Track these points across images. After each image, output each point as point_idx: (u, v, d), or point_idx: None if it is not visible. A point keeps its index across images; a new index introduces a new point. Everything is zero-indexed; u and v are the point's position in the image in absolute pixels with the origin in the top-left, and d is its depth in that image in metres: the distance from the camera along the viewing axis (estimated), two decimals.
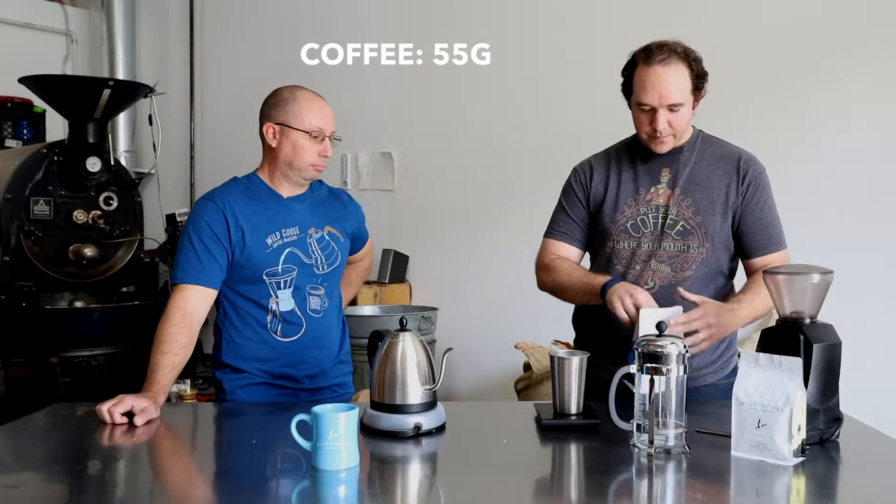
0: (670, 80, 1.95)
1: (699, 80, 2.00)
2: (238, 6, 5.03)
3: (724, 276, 2.11)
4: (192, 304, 2.02)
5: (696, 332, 1.86)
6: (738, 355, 3.02)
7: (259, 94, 2.21)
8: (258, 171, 2.19)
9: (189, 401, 3.69)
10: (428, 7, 4.37)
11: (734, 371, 2.12)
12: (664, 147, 2.05)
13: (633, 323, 1.86)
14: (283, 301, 2.11)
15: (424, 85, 4.35)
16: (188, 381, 3.85)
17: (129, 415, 1.79)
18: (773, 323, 1.70)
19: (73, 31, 5.17)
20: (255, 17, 4.95)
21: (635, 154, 2.13)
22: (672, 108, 1.97)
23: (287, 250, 2.11)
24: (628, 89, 2.05)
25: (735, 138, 2.16)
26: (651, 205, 2.07)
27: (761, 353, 1.55)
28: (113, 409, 1.77)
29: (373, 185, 4.52)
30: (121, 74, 4.98)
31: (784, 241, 2.10)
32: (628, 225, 2.07)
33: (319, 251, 2.16)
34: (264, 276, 2.09)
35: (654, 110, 1.98)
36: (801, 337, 1.59)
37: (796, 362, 1.50)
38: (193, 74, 5.13)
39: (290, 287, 2.11)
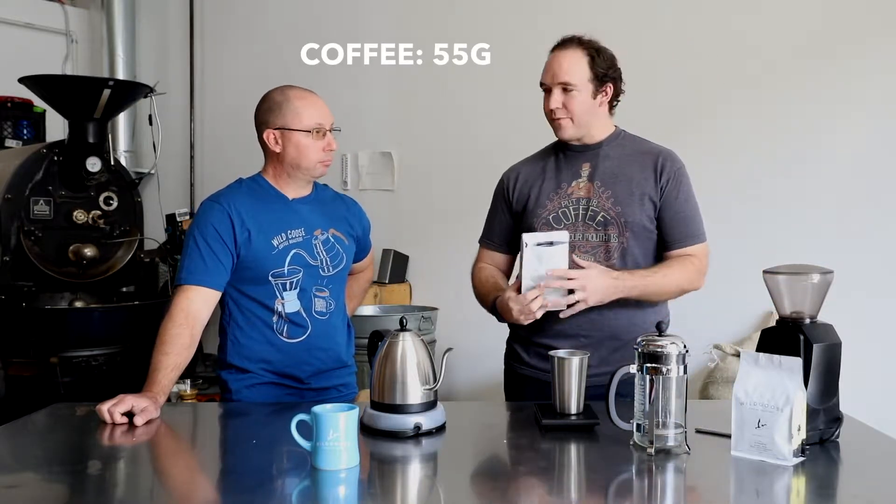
0: (563, 61, 2.07)
1: (601, 71, 2.08)
2: (238, 6, 5.03)
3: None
4: (196, 305, 2.02)
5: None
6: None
7: (259, 95, 2.20)
8: (262, 172, 2.19)
9: (189, 401, 3.69)
10: (428, 7, 4.36)
11: None
12: (564, 132, 2.12)
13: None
14: (289, 302, 2.11)
15: (424, 85, 4.35)
16: (188, 381, 3.84)
17: (130, 415, 1.79)
18: (773, 323, 1.70)
19: (73, 31, 5.17)
20: (255, 16, 4.95)
21: (559, 152, 2.21)
22: (565, 87, 2.06)
23: (293, 251, 2.11)
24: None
25: (734, 138, 2.16)
26: (572, 198, 2.13)
27: (761, 353, 1.55)
28: (113, 408, 1.77)
29: (373, 185, 4.51)
30: (121, 74, 4.97)
31: (703, 235, 2.14)
32: (550, 218, 2.13)
33: (325, 253, 2.16)
34: (270, 278, 2.09)
35: (550, 91, 2.08)
36: (801, 337, 1.59)
37: (796, 362, 1.50)
38: (193, 74, 5.12)
39: (295, 288, 2.11)
